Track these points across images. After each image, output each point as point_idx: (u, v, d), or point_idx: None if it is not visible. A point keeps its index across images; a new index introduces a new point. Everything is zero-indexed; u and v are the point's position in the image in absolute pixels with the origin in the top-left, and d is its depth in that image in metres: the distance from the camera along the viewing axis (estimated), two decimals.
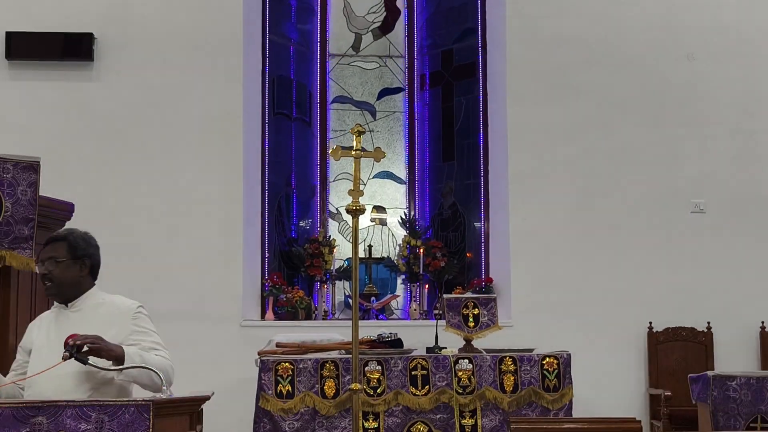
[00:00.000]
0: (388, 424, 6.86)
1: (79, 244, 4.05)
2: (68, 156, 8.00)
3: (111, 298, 4.14)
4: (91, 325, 3.82)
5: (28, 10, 8.88)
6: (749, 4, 9.46)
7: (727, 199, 9.22)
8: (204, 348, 8.16)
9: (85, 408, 3.39)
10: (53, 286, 4.00)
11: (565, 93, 9.29)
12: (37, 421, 3.36)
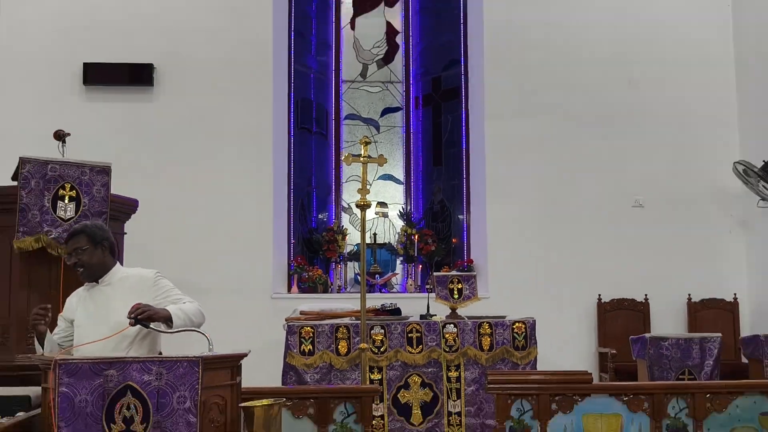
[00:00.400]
0: (389, 376, 6.91)
1: (95, 232, 3.99)
2: (133, 162, 8.03)
3: (132, 271, 4.11)
4: (122, 295, 3.86)
5: (101, 45, 8.92)
6: (681, 39, 9.47)
7: (661, 196, 9.27)
8: (242, 315, 8.23)
9: (148, 363, 3.46)
10: (84, 271, 3.99)
11: (532, 111, 9.33)
12: (109, 373, 3.42)
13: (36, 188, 5.53)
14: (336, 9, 10.34)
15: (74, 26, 8.93)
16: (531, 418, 5.35)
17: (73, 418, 3.36)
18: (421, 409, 6.88)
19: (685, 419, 5.41)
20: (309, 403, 5.28)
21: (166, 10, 9.06)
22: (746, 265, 9.32)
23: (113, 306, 3.86)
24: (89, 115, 8.61)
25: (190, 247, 8.56)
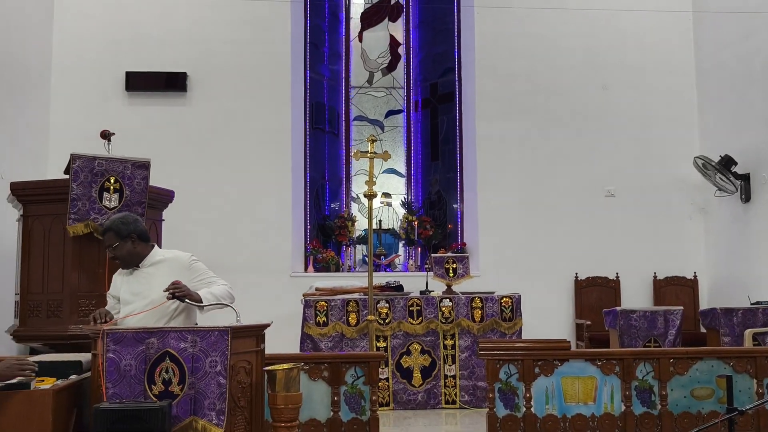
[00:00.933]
0: (393, 344, 6.94)
1: (120, 228, 3.89)
2: (169, 158, 8.01)
3: (170, 254, 4.06)
4: (161, 276, 3.83)
5: (141, 56, 8.92)
6: (647, 48, 9.45)
7: (630, 186, 9.26)
8: (265, 291, 8.25)
9: (184, 332, 3.46)
10: (121, 262, 3.96)
11: (517, 113, 9.32)
12: (150, 341, 3.43)
13: (85, 181, 5.53)
14: (346, 23, 10.31)
15: (118, 39, 8.93)
16: (517, 380, 5.35)
17: (119, 380, 3.37)
18: (421, 372, 6.91)
19: (651, 381, 5.41)
20: (323, 367, 5.29)
21: (197, 25, 9.05)
22: (704, 247, 9.31)
23: (153, 285, 3.84)
24: (131, 117, 8.61)
25: (219, 232, 8.58)
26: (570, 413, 5.34)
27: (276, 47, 9.22)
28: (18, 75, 7.93)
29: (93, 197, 5.53)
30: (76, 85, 8.80)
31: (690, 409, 5.36)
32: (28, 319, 5.65)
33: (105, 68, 8.87)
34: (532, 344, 5.63)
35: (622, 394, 5.37)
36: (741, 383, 5.32)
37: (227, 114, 8.98)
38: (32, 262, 5.70)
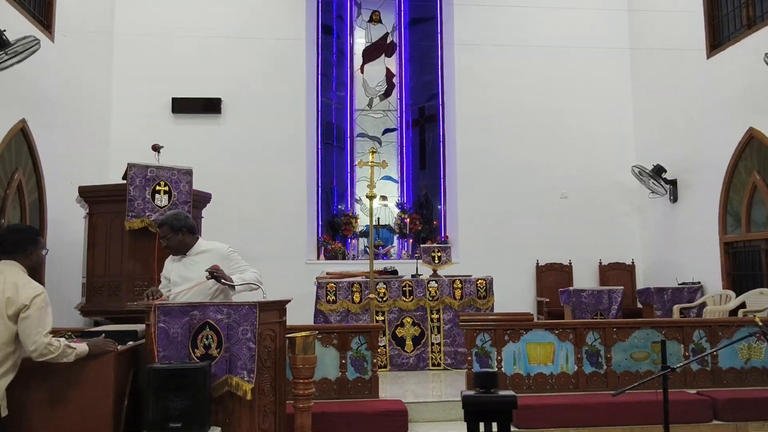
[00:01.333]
0: (389, 318, 6.90)
1: (173, 223, 3.85)
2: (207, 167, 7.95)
3: (212, 245, 3.99)
4: (204, 263, 3.77)
5: (184, 85, 8.87)
6: (593, 79, 9.44)
7: (579, 190, 9.25)
8: (285, 275, 8.11)
9: (220, 306, 3.44)
10: (172, 251, 3.90)
11: (489, 131, 9.29)
12: (193, 314, 3.40)
13: (140, 185, 5.51)
14: (350, 58, 10.27)
15: (165, 71, 8.88)
16: (490, 345, 5.34)
17: (168, 345, 3.34)
18: (412, 341, 6.88)
19: (599, 346, 5.40)
20: (333, 336, 5.27)
21: (229, 59, 9.01)
22: (640, 238, 9.31)
23: (197, 270, 3.80)
24: (176, 134, 8.55)
25: (248, 227, 8.54)
26: (533, 372, 5.33)
27: (294, 77, 9.18)
28: (85, 100, 7.89)
29: (147, 198, 5.50)
30: (131, 109, 8.76)
31: (630, 368, 5.36)
32: (92, 297, 5.64)
33: (155, 95, 8.82)
34: (502, 317, 5.62)
35: (575, 356, 5.36)
36: (671, 347, 5.31)
37: (254, 131, 8.94)
38: (96, 252, 5.68)
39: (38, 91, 6.54)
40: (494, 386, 1.55)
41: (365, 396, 5.18)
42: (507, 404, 1.55)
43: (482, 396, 1.40)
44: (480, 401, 1.32)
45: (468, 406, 1.27)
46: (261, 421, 3.47)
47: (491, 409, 1.35)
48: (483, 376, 1.56)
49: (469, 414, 1.28)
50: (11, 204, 5.97)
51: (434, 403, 5.17)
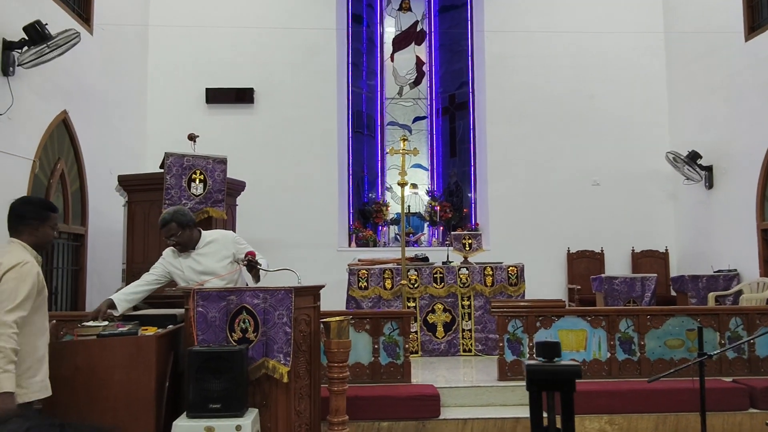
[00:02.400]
0: (421, 304, 6.90)
1: (181, 219, 3.79)
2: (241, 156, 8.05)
3: (216, 234, 3.97)
4: (214, 252, 3.79)
5: (218, 76, 8.96)
6: (626, 64, 9.26)
7: (612, 177, 9.11)
8: (317, 262, 8.27)
9: (257, 291, 3.47)
10: (181, 248, 3.85)
11: (519, 117, 9.19)
12: (230, 298, 3.44)
13: (177, 173, 5.58)
14: (380, 47, 10.25)
15: (199, 63, 8.98)
16: (522, 332, 5.31)
17: (207, 329, 3.40)
18: (443, 327, 6.87)
19: (632, 333, 5.33)
20: (366, 321, 5.30)
21: (261, 50, 9.06)
22: (674, 225, 9.13)
23: (209, 261, 3.84)
24: (210, 124, 8.67)
25: (281, 215, 8.62)
26: (565, 359, 5.28)
27: (324, 67, 9.20)
28: (122, 92, 8.03)
29: (183, 186, 5.57)
30: (167, 100, 8.89)
31: (664, 356, 5.27)
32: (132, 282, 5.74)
33: (189, 86, 8.93)
34: (534, 303, 5.57)
35: (607, 343, 5.30)
36: (706, 335, 5.21)
37: (286, 121, 8.99)
38: (135, 238, 5.78)
39: (78, 84, 6.67)
40: (557, 356, 1.48)
41: (397, 381, 5.21)
42: (571, 373, 1.47)
43: (546, 365, 1.36)
44: (544, 370, 1.27)
45: (532, 374, 1.23)
46: (297, 404, 3.52)
47: (555, 379, 1.31)
48: (546, 345, 1.50)
49: (532, 383, 1.24)
50: (54, 193, 6.12)
51: (466, 388, 5.17)
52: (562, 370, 1.26)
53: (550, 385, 1.36)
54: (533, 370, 1.25)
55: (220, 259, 3.78)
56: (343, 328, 3.46)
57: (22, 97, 5.49)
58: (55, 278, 6.18)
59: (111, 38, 7.47)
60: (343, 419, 3.44)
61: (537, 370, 1.28)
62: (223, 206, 5.62)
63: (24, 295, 2.60)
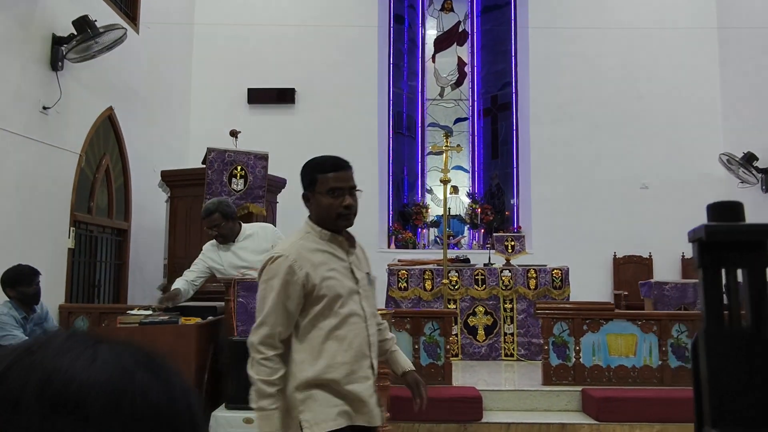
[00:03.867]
0: (461, 306, 6.77)
1: (225, 210, 3.80)
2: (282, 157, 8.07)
3: (256, 227, 3.96)
4: (254, 245, 3.76)
5: (259, 76, 9.01)
6: (676, 63, 8.97)
7: (662, 180, 8.81)
8: None
9: None
10: (223, 239, 3.83)
11: (564, 119, 8.98)
12: None
13: (218, 169, 5.60)
14: (421, 48, 10.18)
15: (241, 63, 9.05)
16: (568, 335, 5.14)
17: (247, 320, 3.35)
18: (484, 330, 6.73)
19: (685, 339, 5.10)
20: (406, 321, 5.21)
21: (303, 50, 9.08)
22: None
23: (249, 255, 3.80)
24: (252, 124, 8.65)
25: None
26: (614, 364, 5.09)
27: (365, 67, 9.17)
28: (166, 91, 8.15)
29: (224, 182, 5.59)
30: (210, 100, 8.98)
31: None
32: (174, 277, 5.72)
33: (231, 86, 9.01)
34: (581, 306, 5.39)
35: (659, 349, 5.08)
36: None
37: (327, 121, 8.98)
38: (177, 234, 5.82)
39: (124, 81, 6.78)
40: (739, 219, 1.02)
41: (438, 382, 5.09)
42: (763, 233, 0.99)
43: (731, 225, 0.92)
44: (728, 230, 0.85)
45: (712, 236, 0.85)
46: None
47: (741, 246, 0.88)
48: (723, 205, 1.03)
49: (706, 254, 0.85)
50: (99, 188, 6.22)
51: (508, 392, 5.02)
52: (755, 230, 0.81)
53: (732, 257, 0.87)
54: (713, 231, 0.83)
55: (259, 253, 3.74)
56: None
57: (69, 92, 5.59)
58: (99, 271, 6.27)
59: (156, 37, 7.58)
60: (385, 415, 3.34)
61: (718, 231, 0.85)
62: (263, 202, 5.62)
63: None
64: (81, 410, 0.40)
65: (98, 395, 0.41)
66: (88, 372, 0.42)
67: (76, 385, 0.41)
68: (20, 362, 0.42)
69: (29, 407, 0.40)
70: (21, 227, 5.00)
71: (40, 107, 5.23)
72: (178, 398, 0.45)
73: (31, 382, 0.41)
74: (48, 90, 5.34)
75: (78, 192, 5.81)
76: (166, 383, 0.45)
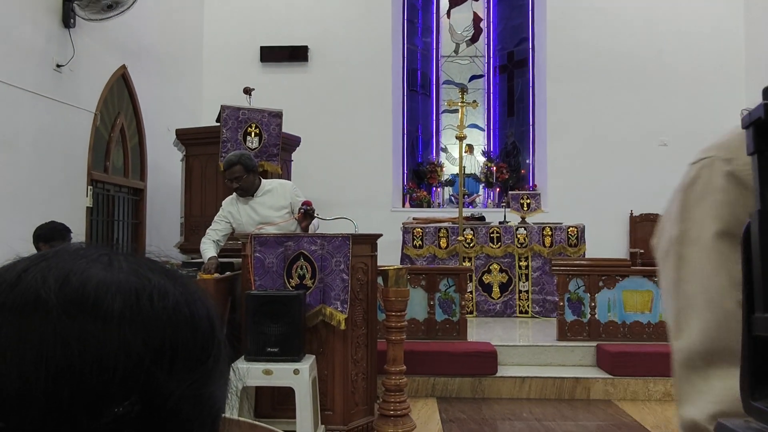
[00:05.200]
0: (476, 264, 6.79)
1: (247, 162, 3.80)
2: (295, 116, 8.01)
3: (275, 183, 3.96)
4: (271, 202, 3.77)
5: (272, 34, 8.89)
6: (698, 16, 8.70)
7: (681, 137, 8.60)
8: (370, 223, 7.91)
9: (314, 237, 3.44)
10: (243, 192, 3.84)
11: (582, 75, 8.78)
12: (288, 244, 3.42)
13: (232, 127, 5.58)
14: (436, 3, 9.95)
15: (254, 21, 8.92)
16: (583, 291, 5.14)
17: (264, 274, 3.39)
18: (499, 287, 6.75)
19: None
20: (421, 277, 5.24)
21: (316, 7, 8.92)
22: None
23: (266, 210, 3.82)
24: (265, 82, 8.57)
25: (336, 172, 8.57)
26: (629, 320, 5.10)
27: (379, 24, 8.99)
28: (178, 51, 8.08)
29: (239, 140, 5.58)
30: (222, 58, 8.89)
31: None
32: (190, 236, 5.82)
33: (244, 44, 8.90)
34: (597, 262, 5.37)
35: None
36: None
37: (340, 79, 8.87)
38: (193, 192, 5.85)
39: (136, 39, 6.73)
40: None
41: (453, 338, 5.14)
42: None
43: None
44: None
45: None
46: (354, 352, 3.49)
47: None
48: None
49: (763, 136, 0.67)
50: (115, 147, 6.24)
51: (524, 347, 5.06)
52: None
53: None
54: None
55: (277, 209, 3.75)
56: (400, 276, 3.39)
57: (82, 50, 5.56)
58: (116, 230, 6.34)
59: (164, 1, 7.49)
60: (401, 368, 3.39)
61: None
62: (278, 160, 5.61)
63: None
64: (100, 309, 0.39)
65: (116, 294, 0.40)
66: (105, 273, 0.42)
67: (94, 284, 0.40)
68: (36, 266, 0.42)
69: (48, 303, 0.39)
70: (39, 186, 5.04)
71: (54, 65, 5.21)
72: (196, 302, 0.45)
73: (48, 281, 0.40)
74: (61, 48, 5.31)
75: (94, 151, 5.83)
76: (183, 287, 0.45)
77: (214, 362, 0.44)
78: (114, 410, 0.38)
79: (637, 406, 4.43)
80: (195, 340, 0.43)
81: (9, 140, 4.67)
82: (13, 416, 0.37)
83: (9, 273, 0.41)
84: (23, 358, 0.38)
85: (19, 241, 4.23)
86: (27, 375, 0.37)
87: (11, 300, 0.39)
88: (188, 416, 0.42)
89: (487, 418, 4.15)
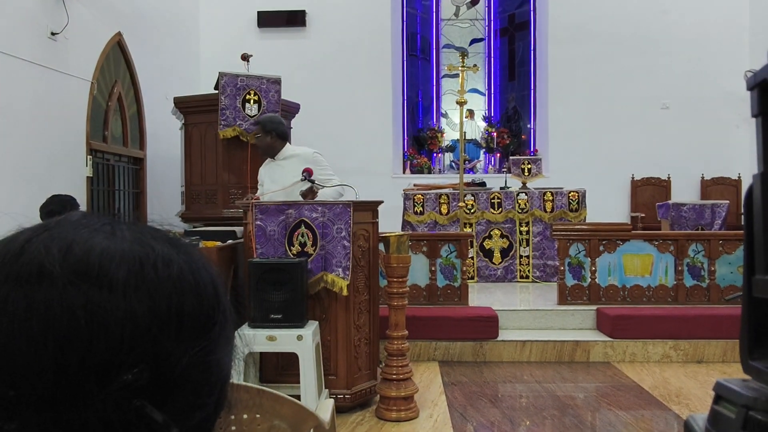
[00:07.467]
0: (477, 230, 6.80)
1: (266, 124, 3.92)
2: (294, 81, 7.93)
3: (299, 150, 4.00)
4: (292, 166, 3.80)
5: None
6: None
7: (683, 100, 8.56)
8: (371, 189, 7.88)
9: (315, 205, 3.43)
10: (261, 150, 4.04)
11: (584, 37, 8.66)
12: (289, 212, 3.41)
13: (231, 94, 5.54)
14: None
15: None
16: (584, 256, 5.16)
17: (265, 242, 3.40)
18: (500, 252, 6.77)
19: (702, 259, 5.11)
20: (423, 243, 5.25)
21: None
22: (749, 151, 8.58)
23: (283, 173, 3.85)
24: (262, 47, 8.48)
25: (336, 139, 8.49)
26: (629, 284, 5.13)
27: None
28: (174, 16, 7.95)
29: (237, 107, 5.54)
30: (219, 24, 8.77)
31: (736, 282, 5.04)
32: (191, 204, 5.84)
33: (241, 9, 8.76)
34: (597, 226, 5.38)
35: (675, 269, 5.11)
36: None
37: (339, 44, 8.76)
38: (193, 161, 5.83)
39: (131, 5, 6.62)
40: None
41: (455, 303, 5.19)
42: None
43: None
44: None
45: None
46: (356, 318, 3.53)
47: None
48: None
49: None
50: (113, 116, 6.20)
51: (524, 311, 5.11)
52: None
53: None
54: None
55: (295, 175, 3.75)
56: (402, 242, 3.40)
57: (76, 18, 5.48)
58: (118, 200, 6.34)
59: None
60: (403, 333, 3.43)
61: None
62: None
63: None
64: (104, 278, 0.40)
65: (121, 262, 0.41)
66: (108, 242, 0.42)
67: (98, 253, 0.40)
68: (39, 236, 0.42)
69: (53, 273, 0.39)
70: (38, 156, 5.02)
71: (48, 33, 5.14)
72: (200, 269, 0.45)
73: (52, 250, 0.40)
74: (55, 15, 5.23)
75: (92, 121, 5.79)
76: (187, 255, 0.45)
77: (220, 329, 0.45)
78: (123, 378, 0.38)
79: (636, 367, 4.49)
80: (200, 307, 0.43)
81: (3, 109, 4.63)
82: (23, 385, 0.37)
83: (12, 244, 0.41)
84: (31, 328, 0.38)
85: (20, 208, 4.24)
86: (35, 344, 0.38)
87: (16, 271, 0.40)
88: (197, 383, 0.42)
89: (488, 381, 4.21)
